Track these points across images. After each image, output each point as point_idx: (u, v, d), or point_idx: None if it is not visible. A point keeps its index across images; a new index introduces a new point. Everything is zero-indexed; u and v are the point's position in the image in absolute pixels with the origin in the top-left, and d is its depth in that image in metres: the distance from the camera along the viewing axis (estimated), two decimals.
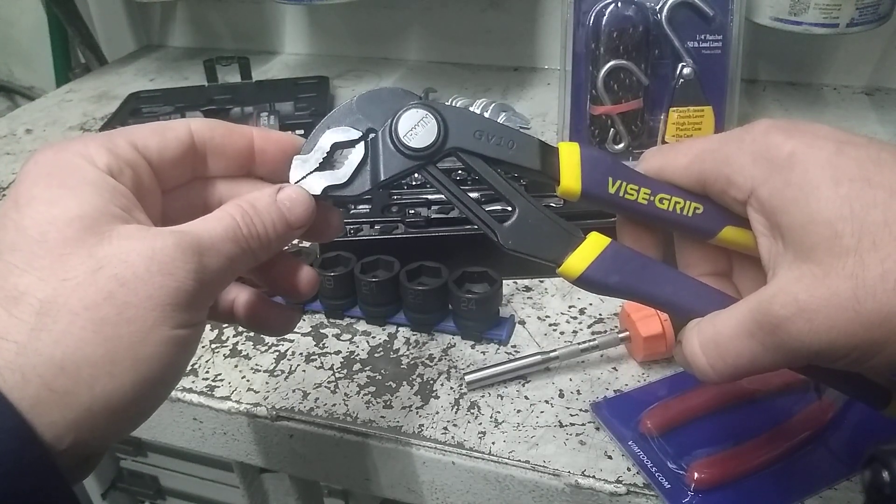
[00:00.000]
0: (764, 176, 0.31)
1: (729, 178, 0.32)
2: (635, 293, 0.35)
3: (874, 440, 0.35)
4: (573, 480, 0.44)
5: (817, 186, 0.29)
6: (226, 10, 1.16)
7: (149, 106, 0.90)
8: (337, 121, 0.35)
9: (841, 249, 0.28)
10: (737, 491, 0.42)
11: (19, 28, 1.38)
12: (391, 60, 1.09)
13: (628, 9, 0.68)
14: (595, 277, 0.34)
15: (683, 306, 0.34)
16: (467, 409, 0.49)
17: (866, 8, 0.70)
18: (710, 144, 0.34)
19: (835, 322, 0.28)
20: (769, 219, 0.31)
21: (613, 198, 0.35)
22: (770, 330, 0.29)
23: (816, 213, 0.29)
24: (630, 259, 0.35)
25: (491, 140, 0.35)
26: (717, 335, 0.32)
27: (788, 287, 0.29)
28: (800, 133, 0.31)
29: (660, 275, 0.35)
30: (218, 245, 0.30)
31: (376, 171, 0.34)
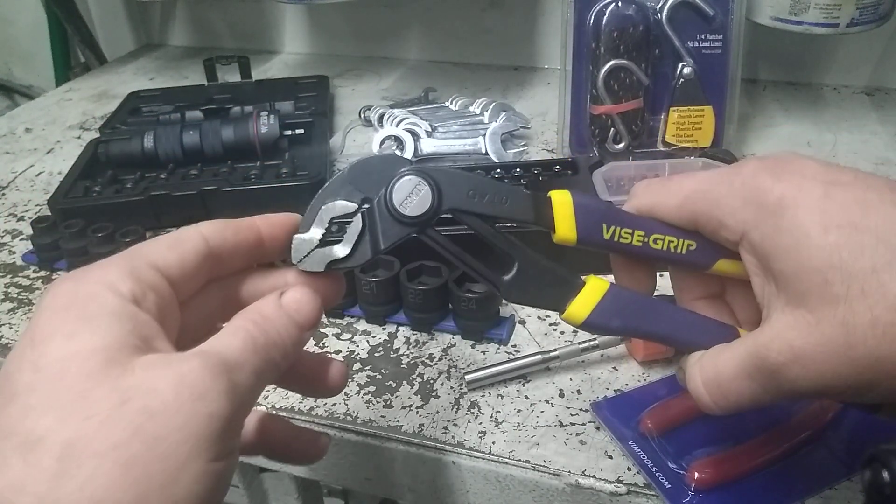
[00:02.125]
0: (755, 221, 0.32)
1: (720, 220, 0.33)
2: (637, 332, 0.37)
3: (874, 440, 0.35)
4: (573, 480, 0.44)
5: (807, 234, 0.30)
6: (226, 10, 1.16)
7: (148, 105, 0.90)
8: (332, 194, 0.35)
9: (831, 297, 0.29)
10: (737, 491, 0.42)
11: (19, 27, 1.38)
12: (391, 60, 1.09)
13: (628, 8, 0.68)
14: (598, 322, 0.36)
15: (684, 340, 0.36)
16: (467, 408, 0.49)
17: (866, 8, 0.70)
18: (700, 185, 0.34)
19: (828, 367, 0.29)
20: (761, 262, 0.32)
21: (609, 243, 0.36)
22: (768, 374, 0.31)
23: (807, 262, 0.30)
24: (630, 301, 0.36)
25: (485, 198, 0.35)
26: (719, 375, 0.33)
27: (784, 333, 0.30)
28: (788, 175, 0.31)
29: (659, 313, 0.36)
30: (242, 360, 0.28)
31: (376, 241, 0.35)
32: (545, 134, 0.83)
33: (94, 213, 0.66)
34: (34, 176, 0.83)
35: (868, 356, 0.28)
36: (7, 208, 0.77)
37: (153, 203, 0.68)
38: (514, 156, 0.76)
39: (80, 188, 0.70)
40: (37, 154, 0.88)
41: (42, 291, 0.63)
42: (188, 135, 0.74)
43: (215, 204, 0.69)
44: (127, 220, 0.64)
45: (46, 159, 0.87)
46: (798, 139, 0.80)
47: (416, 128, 0.78)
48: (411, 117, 0.81)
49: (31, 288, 0.64)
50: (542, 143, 0.81)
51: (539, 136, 0.83)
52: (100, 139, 0.79)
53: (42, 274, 0.65)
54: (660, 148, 0.72)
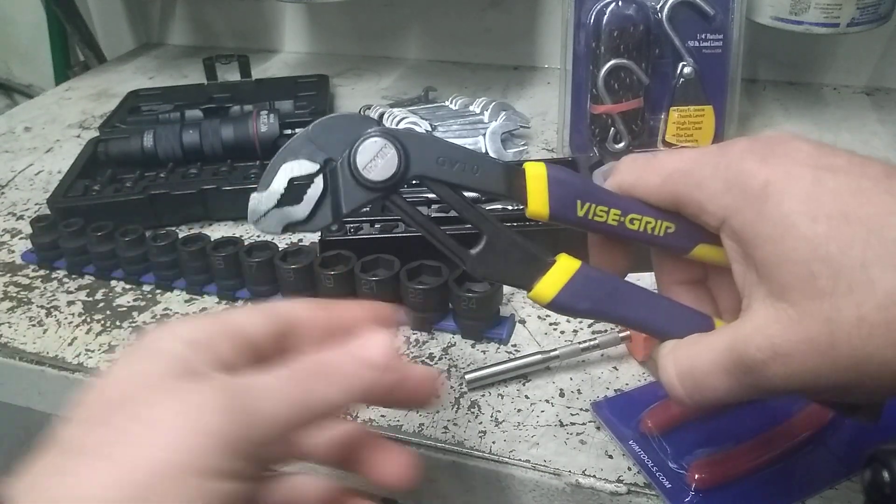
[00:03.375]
0: (737, 205, 0.30)
1: (701, 204, 0.32)
2: (607, 316, 0.35)
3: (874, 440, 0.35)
4: (574, 480, 0.44)
5: (793, 223, 0.28)
6: (225, 8, 1.16)
7: (148, 104, 0.90)
8: (294, 153, 0.34)
9: (816, 292, 0.27)
10: (737, 491, 0.42)
11: (18, 26, 1.38)
12: (391, 59, 1.09)
13: (629, 8, 0.68)
14: (566, 303, 0.34)
15: (657, 327, 0.34)
16: (468, 408, 0.49)
17: (867, 8, 0.70)
18: (682, 165, 0.33)
19: (810, 366, 0.28)
20: (742, 249, 0.30)
21: (582, 220, 0.34)
22: (746, 370, 0.29)
23: (792, 252, 0.28)
24: (601, 282, 0.34)
25: (455, 166, 0.34)
26: (694, 368, 0.31)
27: (764, 328, 0.29)
28: (776, 159, 0.30)
29: (631, 297, 0.34)
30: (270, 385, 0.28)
31: (337, 205, 0.33)
32: (545, 133, 0.83)
33: (94, 212, 0.65)
34: (33, 175, 0.83)
35: (851, 356, 0.27)
36: (6, 207, 0.77)
37: (153, 202, 0.68)
38: (515, 155, 0.76)
39: (79, 187, 0.70)
40: (36, 153, 0.88)
41: (41, 290, 0.63)
42: (188, 134, 0.74)
43: (215, 203, 0.69)
44: (126, 219, 0.64)
45: (46, 158, 0.87)
46: None
47: (416, 127, 0.78)
48: (411, 116, 0.81)
49: (31, 287, 0.63)
50: (543, 142, 0.81)
51: (539, 136, 0.83)
52: (99, 138, 0.79)
53: (41, 273, 0.65)
54: (660, 147, 0.72)
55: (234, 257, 0.58)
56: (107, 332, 0.58)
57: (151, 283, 0.62)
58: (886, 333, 0.26)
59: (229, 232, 0.69)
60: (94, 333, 0.58)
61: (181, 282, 0.61)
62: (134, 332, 0.57)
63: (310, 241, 0.67)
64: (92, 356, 0.56)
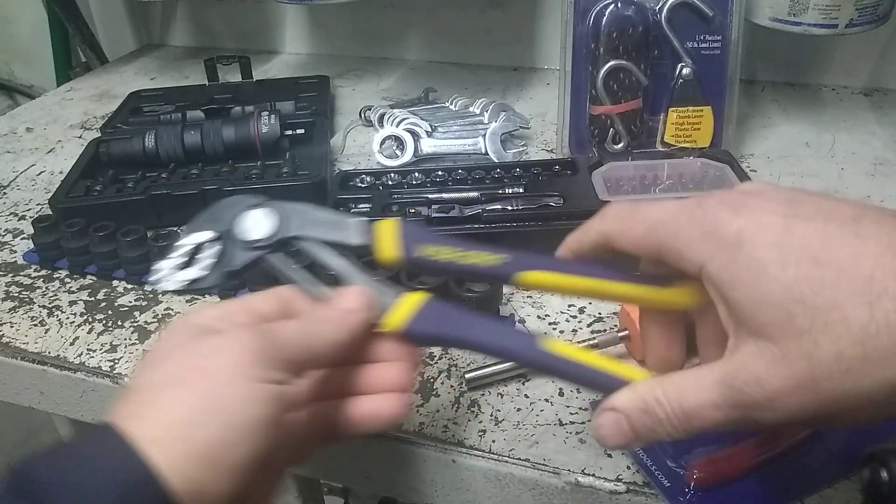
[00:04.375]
0: (712, 252, 0.32)
1: (680, 251, 0.33)
2: (453, 341, 0.39)
3: (872, 440, 0.36)
4: (573, 479, 0.44)
5: (765, 268, 0.30)
6: (226, 10, 1.16)
7: (149, 105, 0.90)
8: (195, 228, 0.41)
9: (795, 330, 0.29)
10: (736, 490, 0.42)
11: (19, 26, 1.38)
12: (391, 60, 1.09)
13: (628, 9, 0.68)
14: (413, 331, 0.38)
15: (496, 348, 0.39)
16: (467, 407, 0.49)
17: (865, 8, 0.70)
18: (662, 215, 0.35)
19: (795, 401, 0.29)
20: (720, 292, 0.32)
21: (421, 259, 0.40)
22: (735, 404, 0.31)
23: (767, 295, 0.30)
24: (446, 313, 0.39)
25: (321, 227, 0.40)
26: (683, 401, 0.32)
27: (749, 364, 0.30)
28: (748, 211, 0.32)
29: (478, 324, 0.38)
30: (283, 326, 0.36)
31: (227, 264, 0.40)
32: (545, 134, 0.83)
33: (95, 212, 0.66)
34: (35, 175, 0.83)
35: (833, 390, 0.28)
36: (8, 207, 0.77)
37: (154, 202, 0.68)
38: (514, 156, 0.77)
39: (81, 187, 0.70)
40: (38, 153, 0.89)
41: (43, 290, 0.63)
42: (189, 134, 0.74)
43: None
44: (128, 219, 0.64)
45: (48, 159, 0.87)
46: (796, 140, 0.80)
47: (416, 128, 0.78)
48: (411, 117, 0.81)
49: (32, 287, 0.64)
50: (542, 143, 0.82)
51: (539, 137, 0.83)
52: (101, 139, 0.79)
53: (43, 273, 0.65)
54: (659, 148, 0.73)
55: None
56: (108, 332, 0.58)
57: None
58: (863, 366, 0.28)
59: None
60: (96, 333, 0.58)
61: None
62: (136, 332, 0.58)
63: None
64: (93, 356, 0.56)
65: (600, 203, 0.59)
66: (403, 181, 0.67)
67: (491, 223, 0.58)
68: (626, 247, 0.37)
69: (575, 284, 0.40)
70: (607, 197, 0.59)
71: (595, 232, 0.38)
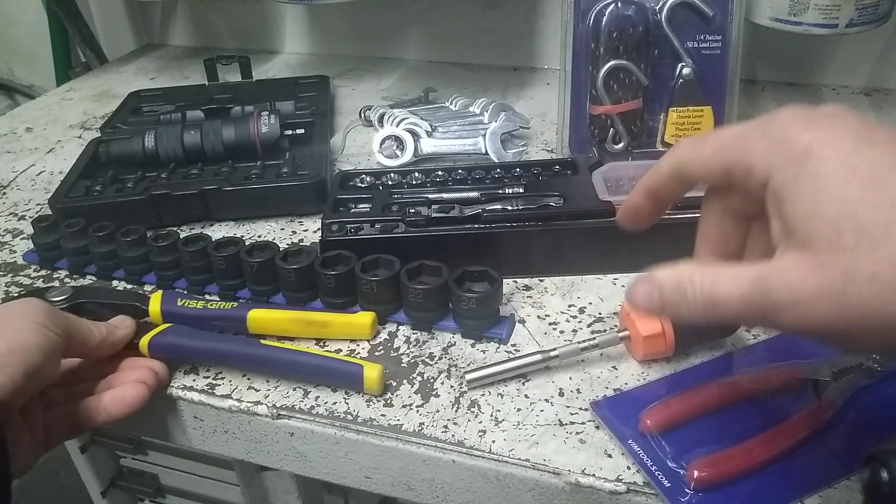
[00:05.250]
0: (780, 164, 0.33)
1: (749, 166, 0.34)
2: (183, 349, 0.52)
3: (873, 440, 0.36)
4: (573, 479, 0.44)
5: (827, 184, 0.31)
6: (226, 10, 1.16)
7: (149, 105, 0.90)
8: None
9: (839, 246, 0.29)
10: (736, 489, 0.42)
11: (19, 26, 1.38)
12: (391, 60, 1.09)
13: (628, 9, 0.68)
14: (157, 346, 0.52)
15: (220, 350, 0.52)
16: (467, 407, 0.49)
17: (866, 8, 0.70)
18: (735, 132, 0.35)
19: (819, 312, 0.30)
20: (779, 206, 0.33)
21: (181, 310, 0.55)
22: (760, 302, 0.32)
23: (822, 210, 0.30)
24: (183, 332, 0.53)
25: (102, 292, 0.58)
26: (715, 287, 0.33)
27: (786, 270, 0.31)
28: (820, 126, 0.33)
29: (203, 337, 0.52)
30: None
31: None
32: (545, 134, 0.83)
33: (95, 212, 0.66)
34: (35, 175, 0.83)
35: (860, 307, 0.29)
36: (8, 207, 0.77)
37: (154, 202, 0.68)
38: (514, 156, 0.77)
39: (80, 187, 0.70)
40: (38, 153, 0.89)
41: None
42: (189, 134, 0.74)
43: (216, 203, 0.69)
44: (128, 219, 0.64)
45: (47, 158, 0.87)
46: None
47: (416, 128, 0.78)
48: (411, 117, 0.81)
49: (32, 287, 0.64)
50: (542, 143, 0.82)
51: (539, 136, 0.83)
52: (101, 139, 0.79)
53: (43, 273, 0.65)
54: (659, 148, 0.72)
55: (235, 257, 0.58)
56: None
57: (152, 283, 0.63)
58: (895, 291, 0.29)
59: (230, 232, 0.69)
60: None
61: (182, 282, 0.62)
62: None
63: (311, 241, 0.67)
64: None
65: (600, 203, 0.59)
66: (403, 181, 0.67)
67: (491, 223, 0.58)
68: (696, 171, 0.37)
69: (288, 316, 0.54)
70: (607, 197, 0.59)
71: (666, 165, 0.38)
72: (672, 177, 0.39)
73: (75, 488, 0.97)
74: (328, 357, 0.51)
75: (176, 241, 0.61)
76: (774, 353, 0.51)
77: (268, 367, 0.52)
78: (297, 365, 0.51)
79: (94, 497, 0.92)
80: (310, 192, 0.69)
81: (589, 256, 0.60)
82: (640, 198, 0.41)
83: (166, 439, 0.56)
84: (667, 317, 0.37)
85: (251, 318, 0.54)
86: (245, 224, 0.71)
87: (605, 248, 0.59)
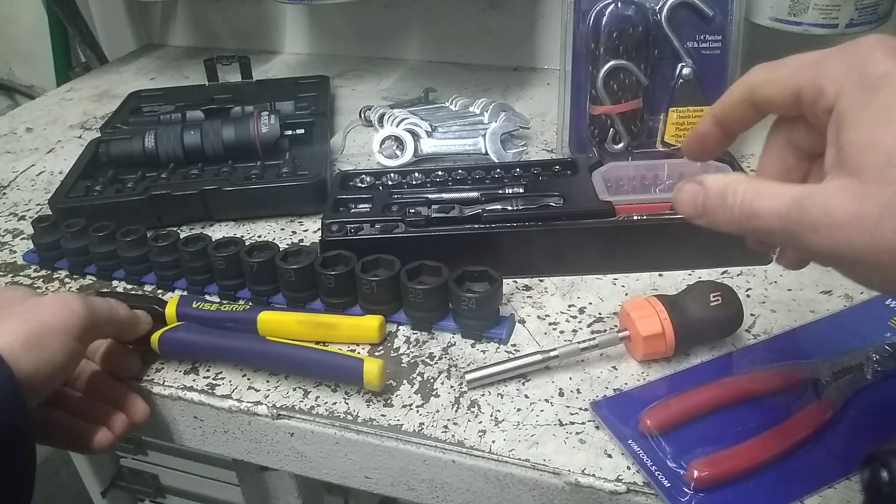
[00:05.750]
0: (851, 88, 0.32)
1: (822, 87, 0.33)
2: (193, 345, 0.53)
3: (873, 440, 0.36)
4: (573, 479, 0.44)
5: (890, 114, 0.30)
6: (226, 10, 1.16)
7: (149, 105, 0.90)
8: None
9: (886, 179, 0.30)
10: (736, 489, 0.42)
11: (19, 26, 1.38)
12: (391, 60, 1.09)
13: (628, 9, 0.68)
14: (164, 339, 0.53)
15: (223, 345, 0.53)
16: (467, 407, 0.49)
17: (866, 8, 0.70)
18: (813, 56, 0.35)
19: (851, 238, 0.30)
20: (838, 132, 0.32)
21: (196, 311, 0.56)
22: (796, 220, 0.32)
23: (879, 139, 0.30)
24: (193, 329, 0.54)
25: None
26: (756, 198, 0.34)
27: (828, 194, 0.31)
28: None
29: (210, 334, 0.53)
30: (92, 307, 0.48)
31: None
32: (545, 134, 0.83)
33: (95, 212, 0.66)
34: (35, 175, 0.83)
35: (891, 241, 0.29)
36: (8, 207, 0.77)
37: (154, 203, 0.68)
38: (514, 156, 0.77)
39: (80, 188, 0.70)
40: (38, 153, 0.89)
41: (43, 291, 0.63)
42: (189, 134, 0.74)
43: (216, 203, 0.69)
44: (128, 219, 0.64)
45: (47, 159, 0.87)
46: None
47: (416, 128, 0.78)
48: (411, 117, 0.81)
49: (32, 287, 0.64)
50: (542, 143, 0.82)
51: (539, 137, 0.83)
52: (101, 139, 0.79)
53: (43, 273, 0.65)
54: (659, 148, 0.73)
55: (235, 257, 0.58)
56: None
57: (152, 284, 0.63)
58: None
59: (230, 232, 0.69)
60: None
61: (182, 282, 0.62)
62: None
63: (311, 241, 0.67)
64: None
65: (600, 203, 0.59)
66: (403, 181, 0.67)
67: (491, 223, 0.58)
68: (770, 94, 0.36)
69: (296, 318, 0.54)
70: (607, 197, 0.59)
71: (739, 90, 0.38)
72: (744, 101, 0.38)
73: (75, 488, 0.97)
74: (328, 352, 0.51)
75: (176, 241, 0.61)
76: (774, 353, 0.51)
77: (270, 362, 0.52)
78: (298, 360, 0.51)
79: (94, 497, 0.92)
80: (310, 192, 0.69)
81: (589, 256, 0.60)
82: (708, 125, 0.40)
83: (166, 439, 0.56)
84: (706, 224, 0.37)
85: (261, 320, 0.54)
86: (245, 224, 0.71)
87: (605, 248, 0.59)
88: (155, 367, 0.54)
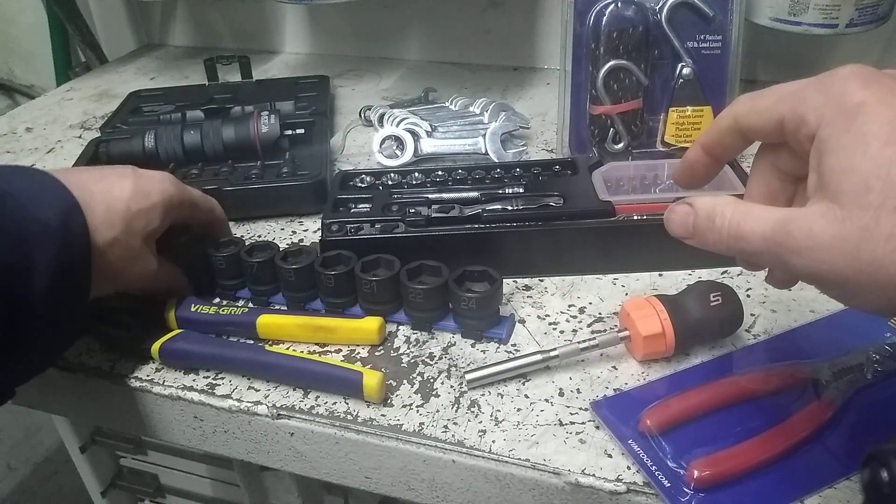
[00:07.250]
0: (830, 117, 0.33)
1: (803, 116, 0.35)
2: (194, 354, 0.53)
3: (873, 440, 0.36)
4: (573, 479, 0.44)
5: (868, 142, 0.31)
6: (226, 10, 1.16)
7: (149, 105, 0.90)
8: None
9: (865, 203, 0.31)
10: (736, 489, 0.42)
11: (19, 26, 1.38)
12: (391, 60, 1.09)
13: (628, 9, 0.68)
14: (167, 352, 0.53)
15: (227, 355, 0.53)
16: (467, 407, 0.49)
17: (866, 8, 0.70)
18: (793, 87, 0.36)
19: (832, 261, 0.32)
20: (819, 159, 0.34)
21: (196, 315, 0.56)
22: (779, 242, 0.34)
23: (857, 165, 0.31)
24: (194, 337, 0.54)
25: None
26: (743, 222, 0.35)
27: (810, 217, 0.33)
28: (876, 88, 0.33)
29: (211, 342, 0.54)
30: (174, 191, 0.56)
31: None
32: (545, 134, 0.83)
33: None
34: None
35: (871, 264, 0.30)
36: None
37: None
38: (514, 156, 0.77)
39: None
40: (38, 153, 0.89)
41: None
42: (189, 134, 0.74)
43: None
44: None
45: (47, 159, 0.87)
46: None
47: (416, 128, 0.78)
48: (411, 117, 0.81)
49: None
50: (542, 143, 0.82)
51: (539, 136, 0.83)
52: (101, 139, 0.79)
53: None
54: (659, 148, 0.73)
55: (235, 257, 0.58)
56: None
57: None
58: None
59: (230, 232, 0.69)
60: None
61: None
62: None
63: (311, 241, 0.67)
64: (93, 356, 0.56)
65: (600, 203, 0.59)
66: (403, 181, 0.67)
67: (491, 223, 0.58)
68: (754, 123, 0.38)
69: (296, 321, 0.54)
70: (607, 197, 0.59)
71: (725, 119, 0.40)
72: (730, 129, 0.40)
73: (75, 488, 0.97)
74: (328, 364, 0.51)
75: None
76: (774, 353, 0.51)
77: (270, 372, 0.52)
78: (297, 372, 0.51)
79: (94, 497, 0.92)
80: (310, 192, 0.69)
81: (589, 256, 0.60)
82: (697, 154, 0.42)
83: (166, 439, 0.56)
84: (696, 244, 0.39)
85: (261, 324, 0.54)
86: (245, 224, 0.71)
87: (605, 247, 0.59)
88: (155, 367, 0.54)
